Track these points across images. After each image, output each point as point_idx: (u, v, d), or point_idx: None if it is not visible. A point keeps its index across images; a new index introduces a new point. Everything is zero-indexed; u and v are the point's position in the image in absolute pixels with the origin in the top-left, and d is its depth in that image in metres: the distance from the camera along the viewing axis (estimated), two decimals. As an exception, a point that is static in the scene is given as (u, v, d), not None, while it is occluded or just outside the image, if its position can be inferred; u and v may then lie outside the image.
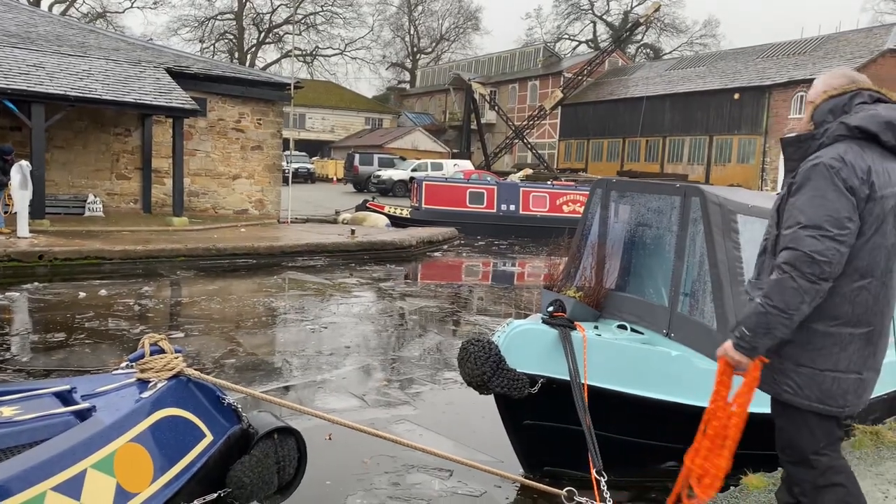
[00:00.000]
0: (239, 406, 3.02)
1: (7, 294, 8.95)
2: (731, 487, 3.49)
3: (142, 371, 2.78)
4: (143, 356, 2.79)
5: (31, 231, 11.77)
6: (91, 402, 2.60)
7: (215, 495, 2.79)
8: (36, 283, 9.63)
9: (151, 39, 40.70)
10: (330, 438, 4.63)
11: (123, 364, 2.92)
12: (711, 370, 4.09)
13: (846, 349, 2.30)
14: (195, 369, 2.93)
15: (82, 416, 2.52)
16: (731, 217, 4.23)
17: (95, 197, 15.44)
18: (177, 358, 2.82)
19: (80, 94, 13.43)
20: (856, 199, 2.20)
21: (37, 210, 12.63)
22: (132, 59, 15.96)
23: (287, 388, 5.79)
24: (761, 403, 4.10)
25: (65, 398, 2.67)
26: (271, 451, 2.98)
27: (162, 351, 2.83)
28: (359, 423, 4.87)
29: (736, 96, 33.96)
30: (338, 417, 4.26)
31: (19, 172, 11.55)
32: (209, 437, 2.81)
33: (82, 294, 9.10)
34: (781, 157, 2.60)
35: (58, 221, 13.51)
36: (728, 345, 2.39)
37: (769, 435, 4.04)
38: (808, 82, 30.78)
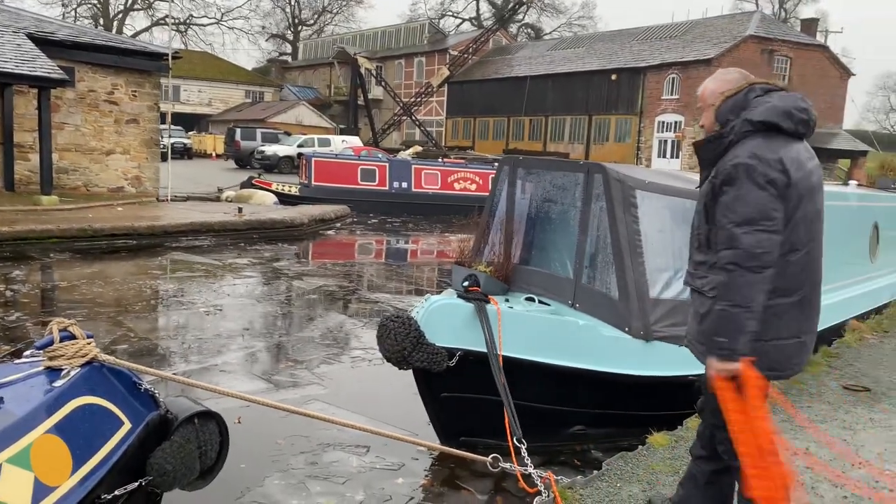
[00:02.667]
0: (156, 391, 2.89)
1: None
2: (639, 447, 3.72)
3: (51, 359, 2.59)
4: (52, 343, 2.60)
5: None
6: (-2, 394, 2.41)
7: (136, 484, 2.67)
8: None
9: (3, 1, 37.13)
10: (239, 422, 4.51)
11: (29, 352, 2.71)
12: (615, 337, 4.36)
13: (783, 318, 2.49)
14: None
15: (-12, 409, 2.33)
16: (630, 193, 4.47)
17: (-52, 174, 14.03)
18: (89, 343, 2.66)
19: (-73, 60, 12.09)
20: (777, 189, 2.39)
21: None
22: (-14, 21, 14.52)
23: (186, 374, 5.56)
24: (654, 367, 4.39)
25: (-36, 391, 2.45)
26: (192, 435, 2.88)
27: (73, 337, 2.65)
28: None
29: (613, 77, 35.44)
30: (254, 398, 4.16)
31: None
32: (127, 425, 2.68)
33: (-58, 280, 8.31)
34: (694, 155, 2.76)
35: None
36: (710, 361, 2.44)
37: (672, 397, 4.33)
38: (680, 65, 32.63)
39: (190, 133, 43.10)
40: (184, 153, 37.27)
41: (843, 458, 3.65)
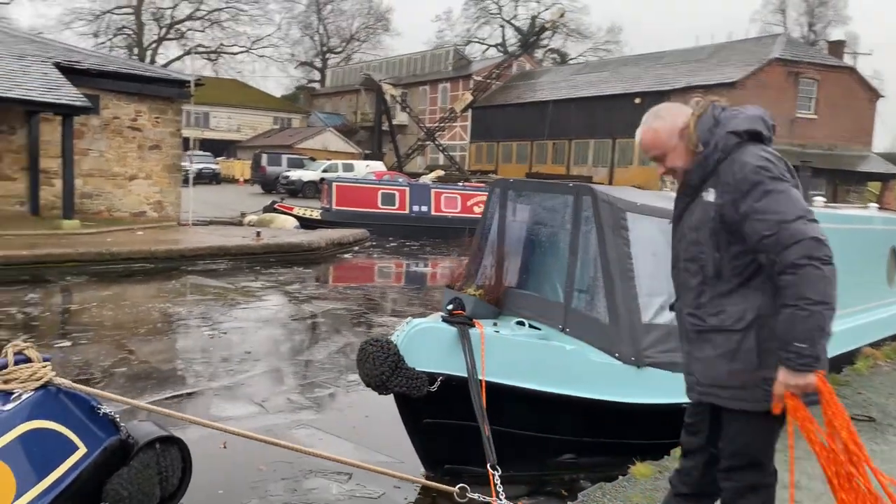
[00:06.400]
0: (117, 416, 2.86)
1: None
2: (620, 476, 3.60)
3: (4, 382, 2.58)
4: (5, 366, 2.59)
5: None
6: (-55, 418, 2.40)
7: (89, 511, 2.63)
8: None
9: (41, 34, 38.43)
10: (225, 447, 4.48)
11: (-16, 375, 2.70)
12: (604, 363, 4.25)
13: None
14: (74, 379, 2.77)
15: (-66, 432, 2.32)
16: (620, 215, 4.38)
17: (-25, 199, 14.38)
18: (45, 367, 2.64)
19: (-44, 89, 12.47)
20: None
21: None
22: (16, 52, 14.96)
23: (181, 397, 5.56)
24: (645, 395, 4.25)
25: (-85, 414, 2.45)
26: (153, 461, 2.84)
27: (28, 360, 2.64)
28: (257, 429, 4.75)
29: (637, 101, 35.26)
30: (228, 425, 4.11)
31: None
32: (82, 450, 2.65)
33: (-42, 303, 8.46)
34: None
35: (-69, 225, 12.51)
36: (782, 377, 2.17)
37: (665, 425, 4.19)
38: (704, 88, 32.34)
39: (219, 159, 43.82)
40: (212, 178, 37.86)
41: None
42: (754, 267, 2.30)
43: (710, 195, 2.34)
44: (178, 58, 56.01)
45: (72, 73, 14.97)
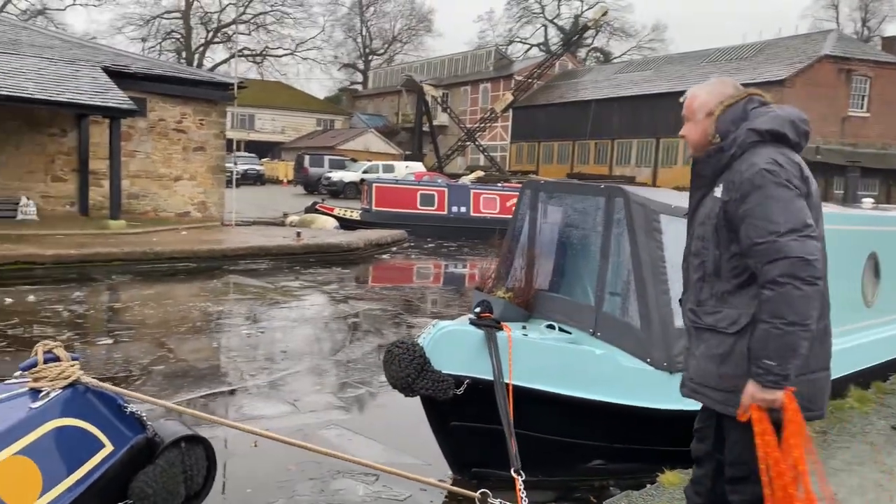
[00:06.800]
0: (144, 415, 2.91)
1: (-73, 301, 8.56)
2: (648, 485, 3.52)
3: (34, 380, 2.65)
4: (35, 364, 2.66)
5: (-44, 235, 11.27)
6: (-24, 414, 2.47)
7: (115, 508, 2.68)
8: (-41, 290, 9.23)
9: (94, 38, 39.61)
10: (256, 445, 4.52)
11: (18, 373, 2.78)
12: (636, 368, 4.16)
13: (812, 348, 2.24)
14: (112, 376, 2.83)
15: (-35, 428, 2.39)
16: (654, 217, 4.28)
17: (29, 200, 14.87)
18: (73, 366, 2.70)
19: (10, 93, 12.92)
20: (802, 196, 2.21)
21: (-37, 213, 12.11)
22: (68, 57, 15.45)
23: (215, 395, 5.65)
24: (678, 400, 4.16)
25: (-51, 410, 2.53)
26: (177, 460, 2.88)
27: (57, 358, 2.70)
28: (289, 428, 4.81)
29: (681, 100, 34.63)
30: (261, 424, 4.16)
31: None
32: (109, 447, 2.70)
33: (8, 300, 8.74)
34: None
35: (-13, 225, 12.98)
36: (750, 390, 2.18)
37: (687, 432, 4.08)
38: (751, 86, 31.48)
39: (263, 160, 44.56)
40: (256, 179, 38.50)
41: (879, 505, 3.35)
42: (752, 270, 2.24)
43: (719, 190, 2.31)
44: (225, 61, 57.22)
45: (120, 76, 15.40)
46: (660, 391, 4.14)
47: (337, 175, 34.07)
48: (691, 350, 2.46)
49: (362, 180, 26.28)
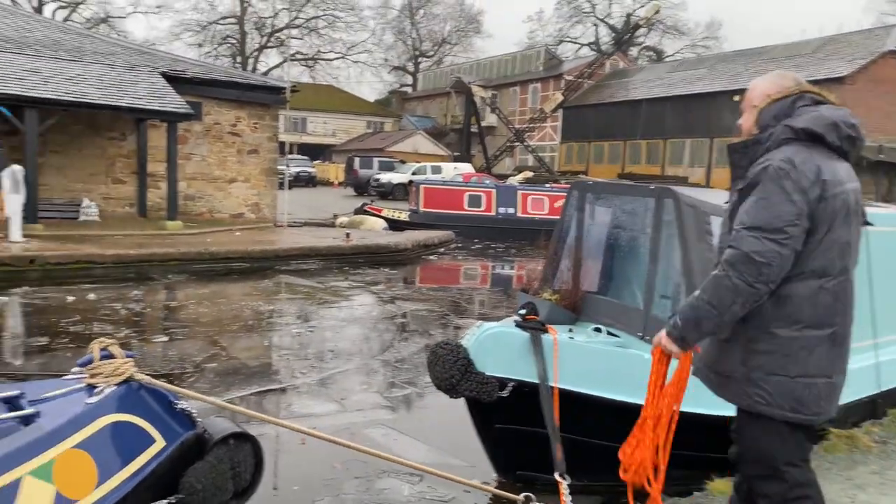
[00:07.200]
0: (194, 411, 2.98)
1: (-4, 298, 8.95)
2: (696, 493, 3.45)
3: (91, 376, 2.74)
4: (91, 361, 2.76)
5: (24, 236, 11.76)
6: (37, 408, 2.58)
7: (165, 502, 2.75)
8: (26, 288, 9.62)
9: (154, 45, 40.88)
10: (304, 443, 4.60)
11: (75, 369, 2.88)
12: (684, 373, 4.08)
13: (813, 353, 2.26)
14: (167, 373, 2.91)
15: (26, 421, 2.50)
16: (704, 219, 4.19)
17: (91, 201, 15.43)
18: (127, 363, 2.79)
19: (74, 99, 13.44)
20: (808, 200, 2.18)
21: (30, 215, 12.63)
22: (127, 63, 15.98)
23: (265, 392, 5.76)
24: (727, 406, 4.06)
25: (12, 403, 2.64)
26: (226, 456, 2.94)
27: (112, 356, 2.79)
28: (336, 427, 4.87)
29: (736, 98, 33.80)
30: (309, 422, 4.22)
31: (10, 177, 11.55)
32: (160, 443, 2.78)
33: (70, 298, 9.08)
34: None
35: (52, 226, 13.51)
36: (662, 333, 2.43)
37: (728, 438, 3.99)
38: (810, 84, 30.60)
39: (315, 162, 45.26)
40: (308, 181, 39.12)
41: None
42: None
43: (742, 182, 2.35)
44: (278, 65, 58.32)
45: (177, 81, 15.85)
46: (709, 396, 4.05)
47: (386, 177, 34.37)
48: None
49: (410, 182, 26.44)
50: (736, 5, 70.63)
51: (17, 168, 11.79)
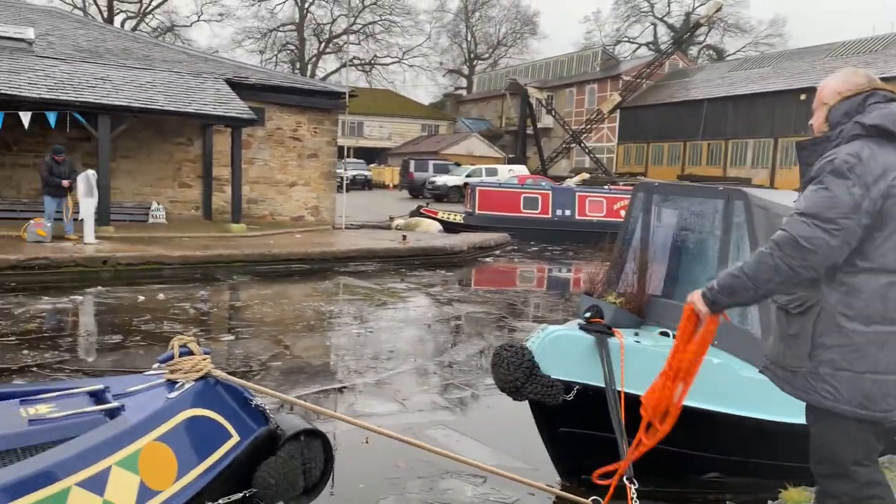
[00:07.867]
0: (267, 407, 3.06)
1: (72, 297, 9.35)
2: (769, 501, 3.35)
3: (171, 372, 2.85)
4: (172, 357, 2.86)
5: (96, 237, 12.27)
6: (121, 402, 2.69)
7: (240, 495, 2.83)
8: (99, 287, 10.03)
9: (217, 52, 42.09)
10: (367, 442, 4.65)
11: (156, 365, 2.99)
12: (755, 378, 3.96)
13: (883, 348, 2.23)
14: (235, 371, 3.00)
15: (112, 414, 2.60)
16: (776, 221, 4.07)
17: (159, 204, 15.99)
18: (204, 359, 2.88)
19: (143, 106, 13.95)
20: (870, 195, 2.16)
21: (102, 217, 13.16)
22: (194, 70, 16.49)
23: (327, 391, 5.86)
24: (800, 413, 3.94)
25: (97, 397, 2.76)
26: (297, 452, 3.01)
27: (191, 352, 2.89)
28: (397, 426, 4.90)
29: (802, 97, 32.76)
30: (371, 422, 4.28)
31: (85, 181, 12.06)
32: (235, 438, 2.86)
33: (141, 298, 9.42)
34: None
35: (122, 228, 14.05)
36: (697, 293, 2.46)
37: (807, 446, 3.87)
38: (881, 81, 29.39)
39: (371, 166, 45.83)
40: (364, 184, 39.65)
41: None
42: None
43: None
44: (336, 70, 59.30)
45: (240, 87, 16.29)
46: (780, 403, 3.93)
47: (441, 179, 34.52)
48: (773, 329, 2.58)
49: (465, 184, 26.49)
50: (801, 1, 68.50)
51: (90, 173, 12.31)
